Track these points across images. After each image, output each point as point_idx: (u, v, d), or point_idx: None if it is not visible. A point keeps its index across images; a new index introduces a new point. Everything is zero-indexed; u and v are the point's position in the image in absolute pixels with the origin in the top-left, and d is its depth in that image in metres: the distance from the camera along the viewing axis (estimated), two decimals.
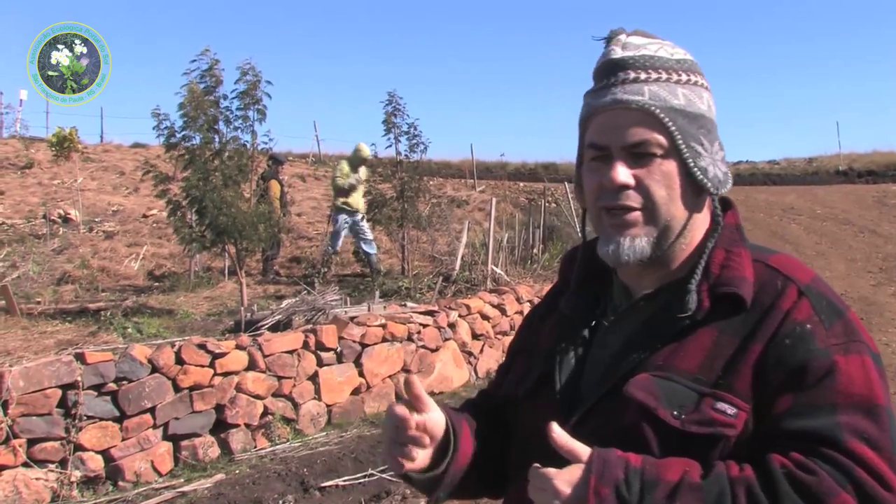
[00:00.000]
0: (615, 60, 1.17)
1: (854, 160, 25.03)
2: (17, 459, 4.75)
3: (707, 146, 1.16)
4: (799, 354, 1.04)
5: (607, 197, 1.15)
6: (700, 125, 1.16)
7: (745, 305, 1.10)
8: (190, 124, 8.22)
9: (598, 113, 1.17)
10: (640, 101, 1.13)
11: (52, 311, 8.41)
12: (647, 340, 1.14)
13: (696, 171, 1.14)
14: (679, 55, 1.19)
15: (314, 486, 5.19)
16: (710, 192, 1.16)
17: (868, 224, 15.07)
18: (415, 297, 8.99)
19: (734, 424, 1.03)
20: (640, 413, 1.08)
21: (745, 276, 1.12)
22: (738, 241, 1.18)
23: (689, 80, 1.17)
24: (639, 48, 1.17)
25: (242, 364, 5.89)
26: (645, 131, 1.13)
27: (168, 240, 12.08)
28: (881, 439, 0.98)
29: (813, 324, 1.06)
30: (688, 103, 1.15)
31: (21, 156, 18.27)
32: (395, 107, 11.00)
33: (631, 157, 1.14)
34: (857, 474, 0.95)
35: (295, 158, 24.52)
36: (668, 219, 1.14)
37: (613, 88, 1.15)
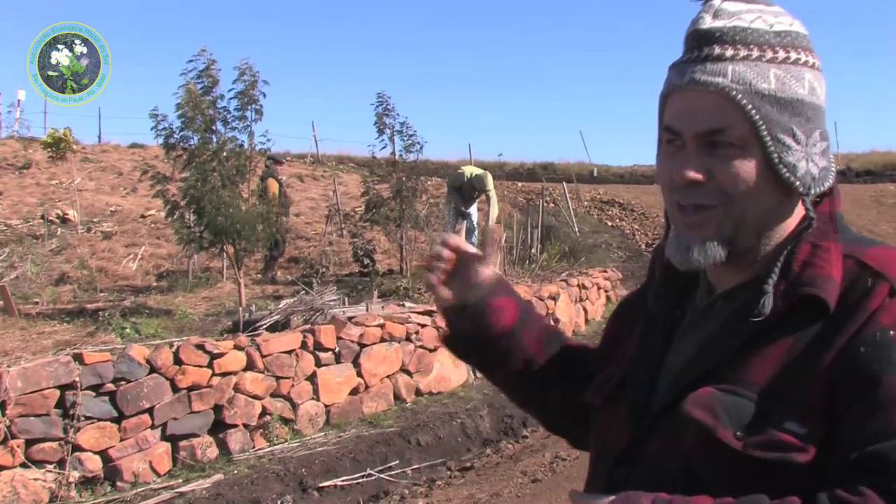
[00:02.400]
0: (701, 31, 1.00)
1: (852, 160, 25.04)
2: (15, 460, 4.74)
3: (801, 137, 0.99)
4: (875, 366, 0.88)
5: (679, 191, 1.01)
6: (794, 112, 0.99)
7: (829, 309, 0.94)
8: (188, 125, 8.21)
9: (676, 91, 1.02)
10: (719, 84, 0.97)
11: (50, 311, 8.40)
12: (720, 346, 1.01)
13: (781, 169, 0.98)
14: (781, 26, 1.01)
15: (312, 486, 5.20)
16: (799, 191, 1.00)
17: (866, 224, 15.07)
18: (413, 296, 8.98)
19: (804, 448, 0.89)
20: (700, 433, 0.95)
21: (829, 274, 0.96)
22: (829, 234, 1.01)
23: (786, 57, 0.99)
24: (732, 17, 1.00)
25: (241, 364, 5.89)
26: (722, 119, 0.97)
27: (166, 240, 12.07)
28: None
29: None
30: (780, 87, 0.98)
31: (19, 156, 18.26)
32: (385, 107, 11.01)
33: (706, 147, 0.98)
34: None
35: (293, 159, 24.50)
36: (746, 219, 1.00)
37: (694, 65, 0.99)
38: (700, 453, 0.96)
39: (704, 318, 1.08)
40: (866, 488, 0.83)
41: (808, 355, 0.93)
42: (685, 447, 0.97)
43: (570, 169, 25.46)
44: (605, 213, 18.22)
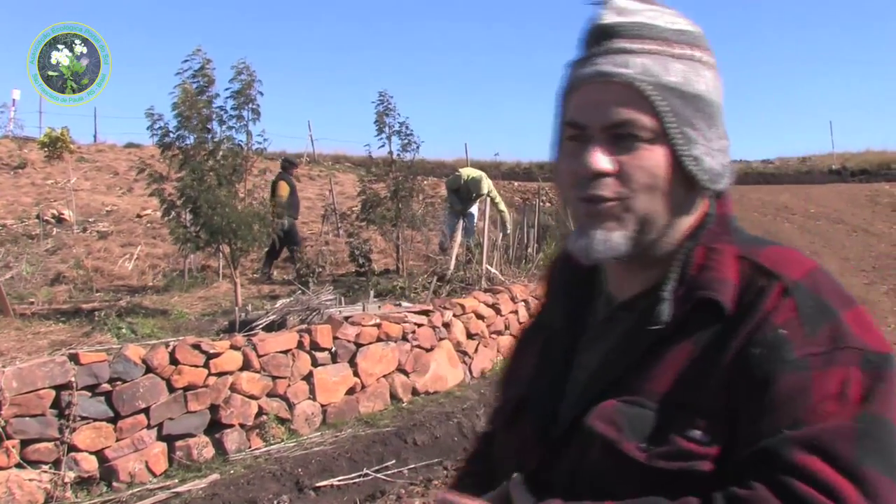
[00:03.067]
0: (603, 26, 0.99)
1: (847, 159, 25.11)
2: (10, 460, 4.73)
3: (704, 132, 0.99)
4: (767, 366, 0.89)
5: (583, 185, 0.98)
6: (698, 107, 0.98)
7: (725, 312, 0.94)
8: (184, 124, 8.21)
9: (580, 86, 0.99)
10: (626, 75, 0.95)
11: (45, 311, 8.39)
12: (622, 357, 1.00)
13: (687, 161, 0.97)
14: (681, 25, 1.01)
15: (309, 485, 5.19)
16: (705, 185, 1.00)
17: (861, 223, 15.12)
18: (409, 296, 8.98)
19: (707, 454, 0.89)
20: (605, 447, 0.94)
21: (725, 277, 0.97)
22: (722, 236, 1.02)
23: (689, 54, 0.99)
24: (634, 14, 0.99)
25: (237, 364, 5.88)
26: (630, 110, 0.95)
27: (162, 240, 12.06)
28: (838, 445, 0.83)
29: (791, 328, 0.90)
30: (684, 81, 0.97)
31: (14, 156, 18.23)
32: (386, 106, 11.00)
33: (612, 139, 0.96)
34: (796, 487, 0.82)
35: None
36: (650, 212, 0.98)
37: (598, 59, 0.97)
38: (606, 467, 0.95)
39: (605, 329, 1.07)
40: (756, 482, 0.84)
41: (707, 360, 0.93)
42: (591, 459, 0.97)
43: None
44: None
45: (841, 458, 0.82)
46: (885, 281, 11.11)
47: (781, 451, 0.84)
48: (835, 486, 0.81)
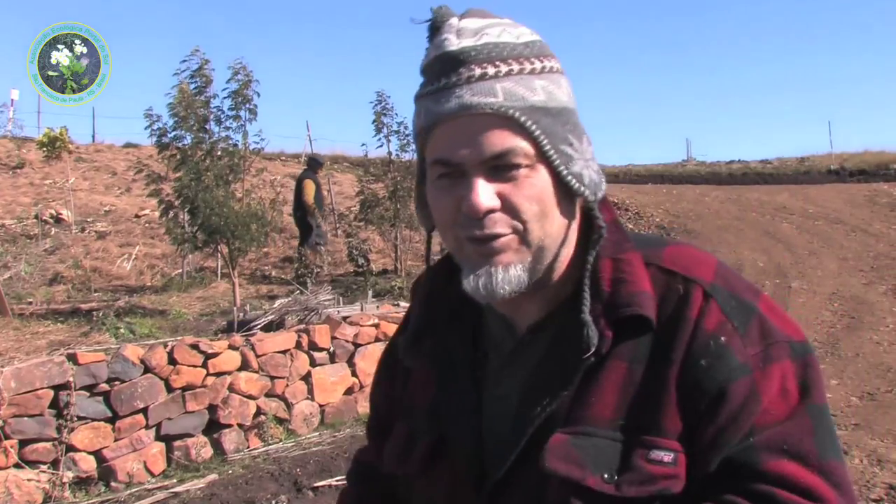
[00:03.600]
0: (452, 54, 0.91)
1: (846, 160, 25.11)
2: (8, 460, 4.73)
3: (577, 145, 0.94)
4: (718, 377, 0.87)
5: (469, 224, 0.91)
6: (565, 121, 0.94)
7: (652, 325, 0.92)
8: (181, 124, 8.21)
9: (443, 121, 0.91)
10: (494, 104, 0.89)
11: (43, 311, 8.38)
12: (547, 386, 0.94)
13: (570, 180, 0.93)
14: (525, 36, 0.95)
15: (307, 485, 5.19)
16: (589, 199, 0.95)
17: (860, 223, 15.11)
18: (408, 296, 8.98)
19: (676, 474, 0.87)
20: (566, 488, 0.89)
21: (643, 289, 0.93)
22: (623, 244, 0.98)
23: (543, 67, 0.94)
24: (478, 34, 0.92)
25: (235, 364, 5.88)
26: (505, 140, 0.89)
27: (160, 240, 12.05)
28: (803, 445, 0.85)
29: (726, 333, 0.89)
30: (548, 97, 0.92)
31: (12, 156, 18.20)
32: (384, 106, 11.02)
33: (490, 170, 0.90)
34: (779, 496, 0.83)
35: (287, 158, 24.47)
36: (543, 237, 0.93)
37: (457, 90, 0.90)
38: None
39: (516, 357, 1.01)
40: (732, 496, 0.84)
41: (650, 377, 0.90)
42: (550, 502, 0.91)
43: None
44: None
45: (808, 457, 0.84)
46: (883, 281, 11.11)
47: (750, 459, 0.85)
48: (812, 486, 0.83)
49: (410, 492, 1.08)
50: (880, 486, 4.73)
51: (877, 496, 4.59)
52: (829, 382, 7.00)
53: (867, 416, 6.05)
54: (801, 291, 10.65)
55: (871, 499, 4.57)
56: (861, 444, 5.43)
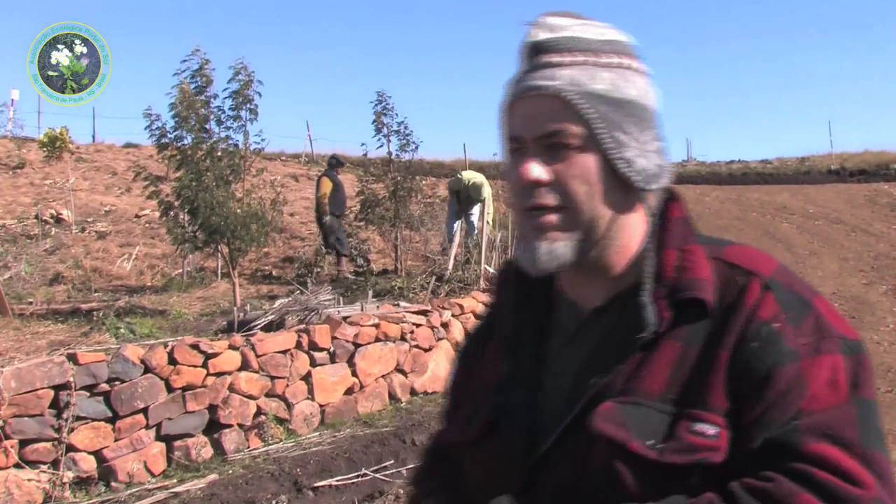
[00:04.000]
0: (534, 43, 1.03)
1: (846, 159, 25.10)
2: (8, 460, 4.73)
3: (636, 135, 1.01)
4: (767, 360, 0.92)
5: (524, 195, 1.01)
6: (627, 112, 1.01)
7: (709, 310, 0.97)
8: (181, 124, 8.21)
9: (515, 101, 1.03)
10: (553, 87, 0.99)
11: (44, 311, 8.38)
12: (605, 362, 1.00)
13: (619, 163, 1.00)
14: (610, 36, 1.04)
15: (307, 486, 5.19)
16: (639, 185, 1.02)
17: (860, 223, 15.11)
18: (408, 296, 8.98)
19: (717, 447, 0.91)
20: (611, 450, 0.94)
21: (703, 276, 0.99)
22: (689, 238, 1.05)
23: (617, 62, 1.03)
24: (562, 29, 1.03)
25: (235, 364, 5.88)
26: (559, 120, 0.99)
27: (161, 240, 12.06)
28: (847, 432, 0.88)
29: (780, 322, 0.94)
30: (612, 88, 1.01)
31: (13, 156, 18.20)
32: (384, 106, 11.00)
33: (546, 150, 1.00)
34: (817, 476, 0.86)
35: (288, 158, 24.48)
36: (591, 218, 1.00)
37: (530, 74, 1.02)
38: (613, 468, 0.94)
39: (577, 337, 1.07)
40: (775, 474, 0.87)
41: (702, 357, 0.95)
42: (595, 466, 0.95)
43: None
44: None
45: (851, 445, 0.87)
46: (883, 281, 11.11)
47: (791, 440, 0.88)
48: (851, 471, 0.86)
49: (471, 461, 1.13)
50: None
51: None
52: None
53: None
54: None
55: None
56: None
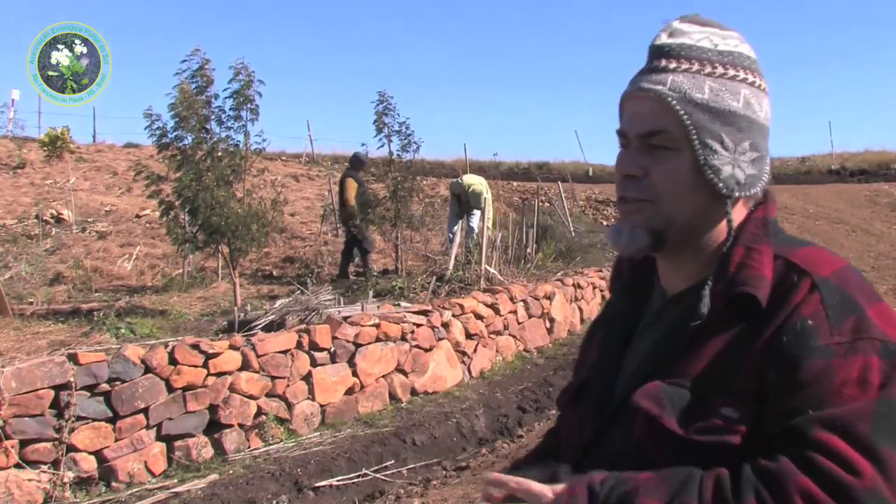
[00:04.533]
0: (655, 46, 1.13)
1: (846, 159, 25.14)
2: (9, 460, 4.73)
3: (729, 145, 1.09)
4: (795, 351, 0.98)
5: (620, 185, 1.15)
6: (726, 122, 1.09)
7: (761, 305, 1.03)
8: (182, 124, 8.21)
9: (627, 99, 1.15)
10: (657, 90, 1.09)
11: (44, 311, 8.39)
12: (668, 345, 1.11)
13: (706, 170, 1.09)
14: (726, 46, 1.12)
15: (308, 486, 5.19)
16: (723, 192, 1.10)
17: (860, 223, 15.13)
18: (408, 296, 8.99)
19: (739, 430, 0.99)
20: (648, 423, 1.05)
21: (762, 274, 1.06)
22: (761, 237, 1.11)
23: (724, 73, 1.11)
24: (682, 35, 1.12)
25: (236, 364, 5.88)
26: (658, 122, 1.09)
27: (161, 240, 12.06)
28: (858, 426, 0.92)
29: (817, 319, 0.99)
30: (713, 98, 1.09)
31: (13, 156, 18.20)
32: (385, 106, 11.00)
33: (645, 147, 1.11)
34: (819, 462, 0.91)
35: (288, 158, 24.50)
36: (670, 213, 1.10)
37: (644, 75, 1.13)
38: (648, 439, 1.05)
39: (658, 320, 1.19)
40: (782, 456, 0.94)
41: (741, 346, 1.03)
42: (637, 435, 1.07)
43: (566, 168, 25.53)
44: (600, 212, 18.25)
45: (859, 437, 0.91)
46: (884, 280, 11.11)
47: (805, 429, 0.94)
48: (853, 461, 0.90)
49: (560, 424, 1.31)
50: None
51: None
52: None
53: None
54: None
55: None
56: None
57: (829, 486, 0.89)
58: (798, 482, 0.91)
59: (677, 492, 0.96)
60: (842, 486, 0.89)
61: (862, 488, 0.89)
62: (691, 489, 0.96)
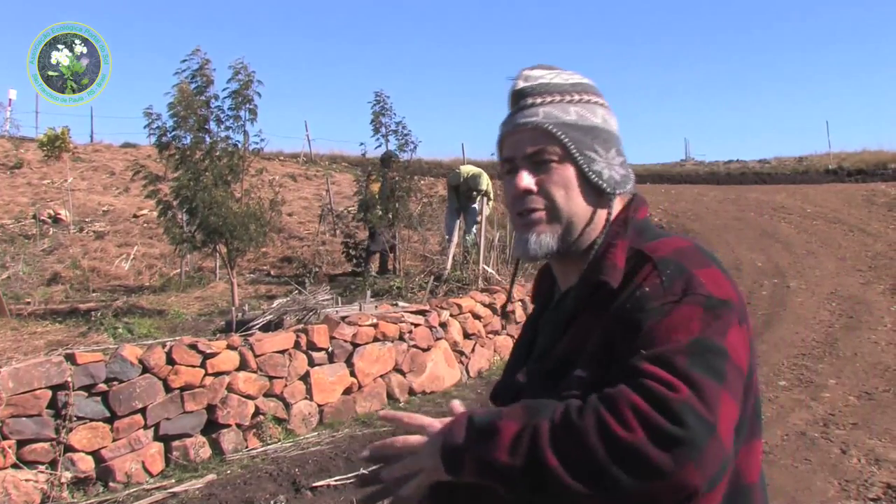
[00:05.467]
0: (517, 91, 1.36)
1: (844, 159, 25.14)
2: (6, 461, 4.73)
3: (602, 153, 1.33)
4: (636, 315, 1.16)
5: (517, 202, 1.33)
6: (594, 136, 1.33)
7: (612, 289, 1.23)
8: (180, 124, 8.20)
9: (506, 135, 1.36)
10: (534, 121, 1.31)
11: (42, 311, 8.38)
12: (554, 332, 1.33)
13: (590, 175, 1.31)
14: (574, 80, 1.38)
15: (306, 485, 5.19)
16: (607, 191, 1.32)
17: (858, 223, 15.12)
18: (406, 296, 8.98)
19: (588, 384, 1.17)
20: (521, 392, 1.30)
21: (615, 263, 1.26)
22: (620, 234, 1.31)
23: (581, 98, 1.35)
24: (535, 78, 1.36)
25: (234, 364, 5.88)
26: (541, 143, 1.30)
27: (159, 240, 12.05)
28: (675, 358, 1.09)
29: (653, 288, 1.19)
30: (580, 118, 1.33)
31: (10, 156, 18.18)
32: (382, 106, 10.98)
33: (532, 165, 1.31)
34: (645, 383, 1.07)
35: (286, 158, 24.48)
36: (570, 216, 1.31)
37: (516, 114, 1.35)
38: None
39: (552, 313, 1.41)
40: (620, 384, 1.10)
41: (594, 320, 1.23)
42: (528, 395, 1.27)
43: None
44: None
45: (677, 367, 1.08)
46: (881, 280, 11.12)
47: (637, 364, 1.11)
48: (671, 382, 1.07)
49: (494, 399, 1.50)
50: (878, 485, 4.73)
51: (875, 495, 4.60)
52: (828, 382, 7.00)
53: (865, 416, 6.05)
54: (799, 291, 10.66)
55: (868, 498, 4.58)
56: (859, 443, 5.44)
57: (652, 400, 1.05)
58: (628, 398, 1.07)
59: (533, 415, 1.12)
60: (662, 399, 1.05)
61: (678, 400, 1.05)
62: (545, 413, 1.12)
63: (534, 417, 1.12)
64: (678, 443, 1.02)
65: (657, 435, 1.03)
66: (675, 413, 1.04)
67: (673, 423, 1.03)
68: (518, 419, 1.13)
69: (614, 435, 1.04)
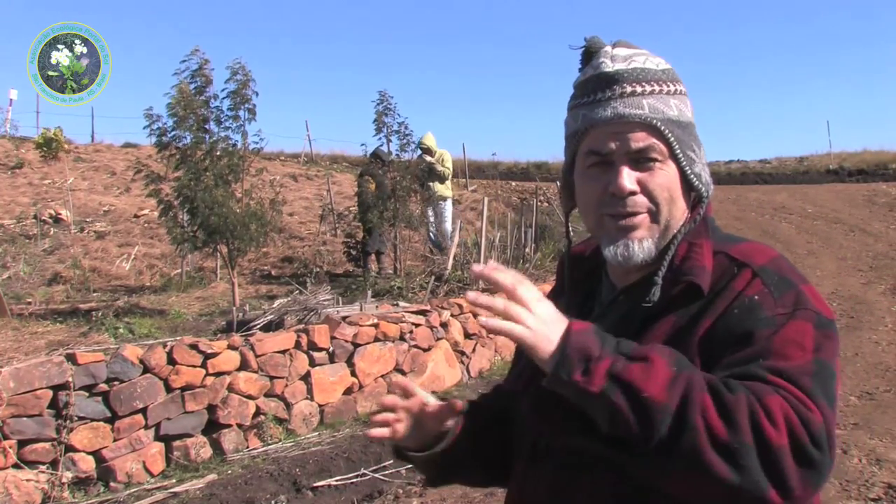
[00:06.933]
0: (610, 74, 1.22)
1: (844, 159, 25.13)
2: (7, 461, 4.73)
3: (697, 152, 1.25)
4: (746, 322, 1.11)
5: (612, 203, 1.21)
6: (689, 133, 1.24)
7: (703, 293, 1.17)
8: (180, 124, 8.19)
9: (599, 125, 1.22)
10: (642, 115, 1.19)
11: (42, 311, 8.38)
12: (622, 331, 1.16)
13: (692, 178, 1.23)
14: (662, 65, 1.26)
15: (306, 486, 5.19)
16: (703, 194, 1.25)
17: (858, 223, 15.12)
18: (407, 296, 8.98)
19: None
20: None
21: (703, 265, 1.19)
22: (702, 234, 1.24)
23: (676, 90, 1.25)
24: (627, 60, 1.24)
25: (234, 364, 5.88)
26: (647, 138, 1.20)
27: (160, 240, 12.04)
28: (801, 379, 1.04)
29: (762, 296, 1.13)
30: (680, 113, 1.23)
31: (11, 156, 18.18)
32: (385, 106, 10.96)
33: (633, 162, 1.20)
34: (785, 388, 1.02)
35: (287, 158, 24.47)
36: (669, 219, 1.23)
37: (613, 102, 1.21)
38: None
39: (609, 311, 1.29)
40: None
41: (685, 328, 1.15)
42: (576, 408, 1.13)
43: None
44: None
45: (804, 387, 1.03)
46: (882, 280, 11.12)
47: (759, 372, 1.05)
48: (807, 403, 1.02)
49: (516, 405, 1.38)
50: (879, 485, 4.73)
51: (875, 495, 4.59)
52: None
53: (866, 416, 6.05)
54: None
55: (869, 498, 4.57)
56: (860, 443, 5.43)
57: (799, 414, 1.00)
58: (780, 403, 1.00)
59: (680, 365, 1.05)
60: (807, 418, 1.00)
61: (818, 423, 1.00)
62: (691, 368, 1.06)
63: (682, 368, 1.05)
64: (812, 465, 1.00)
65: (799, 450, 0.99)
66: (816, 436, 1.00)
67: (813, 444, 1.00)
68: (667, 359, 1.05)
69: (763, 431, 0.99)
